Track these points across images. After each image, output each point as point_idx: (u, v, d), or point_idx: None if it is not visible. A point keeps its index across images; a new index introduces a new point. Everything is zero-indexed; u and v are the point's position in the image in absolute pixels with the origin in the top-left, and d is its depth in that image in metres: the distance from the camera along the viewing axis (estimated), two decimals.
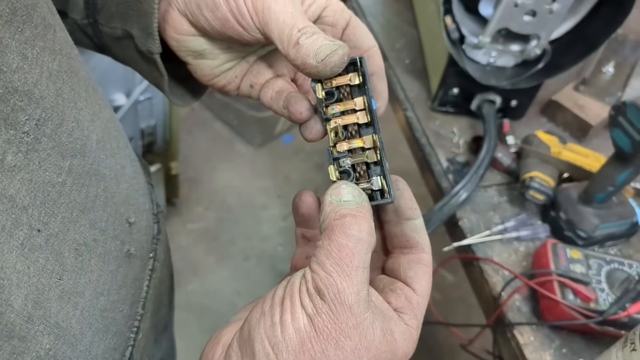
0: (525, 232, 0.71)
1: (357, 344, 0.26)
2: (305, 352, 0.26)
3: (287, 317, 0.27)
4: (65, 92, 0.26)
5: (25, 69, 0.23)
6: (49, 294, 0.26)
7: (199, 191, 1.92)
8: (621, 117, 0.60)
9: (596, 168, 0.71)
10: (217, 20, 0.33)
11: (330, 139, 0.32)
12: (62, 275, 0.27)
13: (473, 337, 0.73)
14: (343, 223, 0.28)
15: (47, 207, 0.25)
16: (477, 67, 0.84)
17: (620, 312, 0.56)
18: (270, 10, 0.31)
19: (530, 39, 0.78)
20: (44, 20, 0.25)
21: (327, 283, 0.27)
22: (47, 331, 0.26)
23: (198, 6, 0.33)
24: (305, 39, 0.30)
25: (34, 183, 0.24)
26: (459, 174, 0.79)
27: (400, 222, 0.33)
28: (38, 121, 0.24)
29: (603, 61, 0.88)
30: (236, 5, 0.32)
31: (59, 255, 0.26)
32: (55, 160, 0.26)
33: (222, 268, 1.70)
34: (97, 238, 0.30)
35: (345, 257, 0.27)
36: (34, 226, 0.24)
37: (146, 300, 0.37)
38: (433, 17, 0.93)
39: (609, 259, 0.62)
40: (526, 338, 0.60)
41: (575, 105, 0.89)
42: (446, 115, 0.90)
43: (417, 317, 0.30)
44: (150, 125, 1.46)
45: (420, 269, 0.32)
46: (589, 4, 0.77)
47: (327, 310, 0.26)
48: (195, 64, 0.37)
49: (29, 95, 0.23)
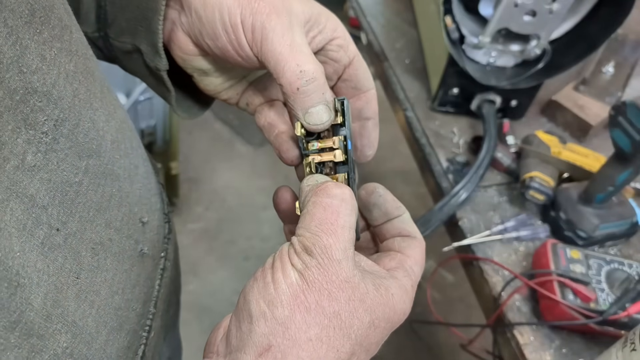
0: (525, 232, 0.71)
1: (350, 295, 0.27)
2: (299, 304, 0.26)
3: (279, 275, 0.27)
4: (81, 92, 0.27)
5: (44, 70, 0.23)
6: (67, 293, 0.26)
7: (199, 191, 1.92)
8: (621, 117, 0.60)
9: (596, 168, 0.71)
10: (217, 49, 0.33)
11: (306, 172, 0.33)
12: (79, 274, 0.27)
13: (473, 337, 0.73)
14: (325, 187, 0.29)
15: (66, 206, 0.26)
16: (477, 67, 0.84)
17: (620, 312, 0.56)
18: (267, 41, 0.31)
19: (530, 39, 0.78)
20: (61, 21, 0.25)
21: (314, 241, 0.27)
22: (64, 330, 0.26)
23: (200, 33, 0.33)
24: (305, 86, 0.31)
25: (52, 183, 0.25)
26: (459, 174, 0.79)
27: (391, 220, 0.35)
28: (56, 121, 0.24)
29: (603, 61, 0.88)
30: (235, 37, 0.32)
31: (77, 254, 0.27)
32: (73, 160, 0.26)
33: (222, 268, 1.70)
34: (112, 237, 0.30)
35: (330, 215, 0.28)
36: (53, 225, 0.25)
37: (158, 299, 0.38)
38: (433, 17, 0.93)
39: (609, 259, 0.62)
40: (526, 338, 0.60)
41: (575, 105, 0.89)
42: (446, 115, 0.90)
43: (410, 277, 0.31)
44: (150, 125, 1.46)
45: (413, 242, 0.33)
46: (589, 4, 0.77)
47: (316, 264, 0.27)
48: (200, 80, 0.38)
49: (48, 95, 0.24)
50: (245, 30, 0.32)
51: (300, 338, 0.26)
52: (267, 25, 0.31)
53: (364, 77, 0.36)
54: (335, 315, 0.26)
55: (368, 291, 0.28)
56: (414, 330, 1.49)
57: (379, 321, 0.28)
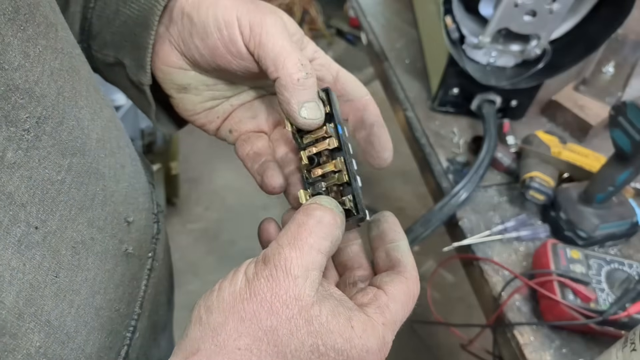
0: (525, 232, 0.71)
1: (295, 314, 0.25)
2: (235, 313, 0.26)
3: (226, 282, 0.27)
4: (66, 90, 0.27)
5: (27, 67, 0.23)
6: (43, 291, 0.26)
7: (199, 191, 1.92)
8: (621, 117, 0.60)
9: (596, 168, 0.71)
10: (207, 48, 0.33)
11: (302, 166, 0.34)
12: (58, 273, 0.27)
13: (473, 337, 0.73)
14: (308, 207, 0.28)
15: (46, 204, 0.25)
16: (477, 67, 0.84)
17: (620, 312, 0.56)
18: (268, 35, 0.31)
19: (530, 39, 0.78)
20: (46, 19, 0.25)
21: (275, 252, 0.26)
22: (37, 329, 0.26)
23: (190, 35, 0.34)
24: (305, 79, 0.31)
25: (33, 180, 0.24)
26: (459, 174, 0.79)
27: (385, 245, 0.33)
28: (39, 119, 0.24)
29: (603, 61, 0.88)
30: (228, 33, 0.32)
31: (56, 253, 0.27)
32: (55, 158, 0.26)
33: (222, 268, 1.70)
34: (94, 236, 0.30)
35: (302, 232, 0.27)
36: (31, 223, 0.25)
37: (144, 299, 0.37)
38: (433, 17, 0.93)
39: (609, 259, 0.62)
40: (526, 338, 0.60)
41: (575, 105, 0.89)
42: (446, 115, 0.90)
43: (384, 314, 0.28)
44: (151, 126, 1.46)
45: (398, 278, 0.30)
46: (589, 4, 0.76)
47: (268, 275, 0.26)
48: (178, 98, 0.38)
49: (30, 93, 0.23)
50: (242, 27, 0.32)
51: (229, 345, 0.25)
52: (266, 22, 0.31)
53: (353, 88, 0.37)
54: (271, 330, 0.25)
55: (321, 314, 0.26)
56: (414, 330, 1.49)
57: (327, 349, 0.25)
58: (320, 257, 0.27)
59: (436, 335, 1.54)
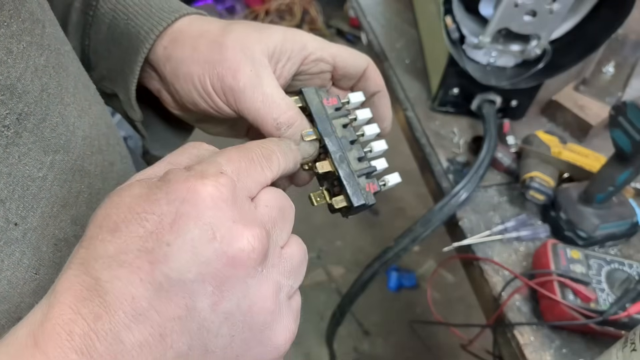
0: (526, 232, 0.71)
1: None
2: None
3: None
4: (51, 87, 0.27)
5: (9, 63, 0.23)
6: (22, 288, 0.26)
7: None
8: (621, 117, 0.60)
9: (596, 168, 0.71)
10: (201, 111, 0.36)
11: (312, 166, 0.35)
12: (38, 270, 0.27)
13: (473, 337, 0.73)
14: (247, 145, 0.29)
15: (26, 201, 0.25)
16: (477, 67, 0.84)
17: (621, 312, 0.56)
18: (240, 102, 0.33)
19: (531, 39, 0.78)
20: (32, 15, 0.25)
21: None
22: (8, 325, 0.26)
23: (181, 100, 0.36)
24: (285, 132, 0.33)
25: (12, 177, 0.24)
26: (459, 174, 0.79)
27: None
28: (20, 115, 0.24)
29: (603, 61, 0.88)
30: (212, 101, 0.34)
31: (37, 250, 0.26)
32: (37, 155, 0.26)
33: None
34: (78, 234, 0.30)
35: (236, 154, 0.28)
36: (10, 219, 0.24)
37: None
38: (433, 17, 0.93)
39: (609, 259, 0.62)
40: (526, 338, 0.60)
41: (575, 105, 0.89)
42: (446, 115, 0.90)
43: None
44: None
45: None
46: (589, 4, 0.76)
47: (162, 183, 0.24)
48: (199, 126, 0.43)
49: (11, 89, 0.23)
50: (218, 95, 0.33)
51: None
52: (236, 87, 0.32)
53: (353, 66, 0.37)
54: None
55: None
56: (414, 330, 1.49)
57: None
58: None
59: (436, 335, 1.54)
